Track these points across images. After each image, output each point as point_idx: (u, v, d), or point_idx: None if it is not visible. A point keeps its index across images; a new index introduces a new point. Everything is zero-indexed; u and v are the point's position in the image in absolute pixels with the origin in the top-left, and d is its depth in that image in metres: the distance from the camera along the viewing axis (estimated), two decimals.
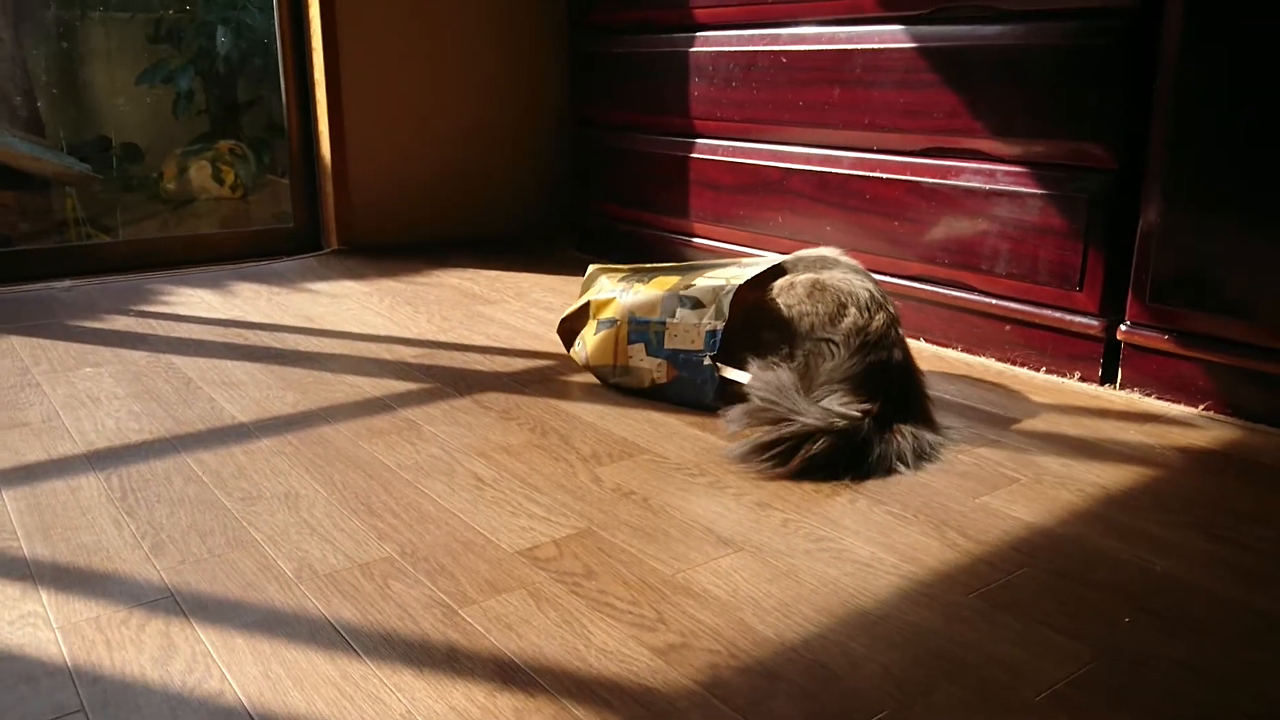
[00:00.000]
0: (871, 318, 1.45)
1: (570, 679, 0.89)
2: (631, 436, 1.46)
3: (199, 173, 3.25)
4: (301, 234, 2.81)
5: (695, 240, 2.43)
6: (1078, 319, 1.70)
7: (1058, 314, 1.73)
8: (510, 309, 2.20)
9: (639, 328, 1.59)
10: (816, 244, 2.11)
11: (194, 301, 2.23)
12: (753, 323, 1.52)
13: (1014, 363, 1.82)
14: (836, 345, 1.42)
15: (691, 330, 1.54)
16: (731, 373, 1.50)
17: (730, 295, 1.52)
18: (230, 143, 3.37)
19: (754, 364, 1.46)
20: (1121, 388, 1.68)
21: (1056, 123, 1.67)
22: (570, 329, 1.76)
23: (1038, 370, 1.78)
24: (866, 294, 1.48)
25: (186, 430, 1.46)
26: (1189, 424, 1.53)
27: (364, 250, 2.78)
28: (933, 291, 1.89)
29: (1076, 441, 1.45)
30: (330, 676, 0.89)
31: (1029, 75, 1.70)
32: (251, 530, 1.16)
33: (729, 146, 2.30)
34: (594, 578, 1.06)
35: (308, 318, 2.10)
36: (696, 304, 1.55)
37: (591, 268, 1.80)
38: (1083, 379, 1.72)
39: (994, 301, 1.82)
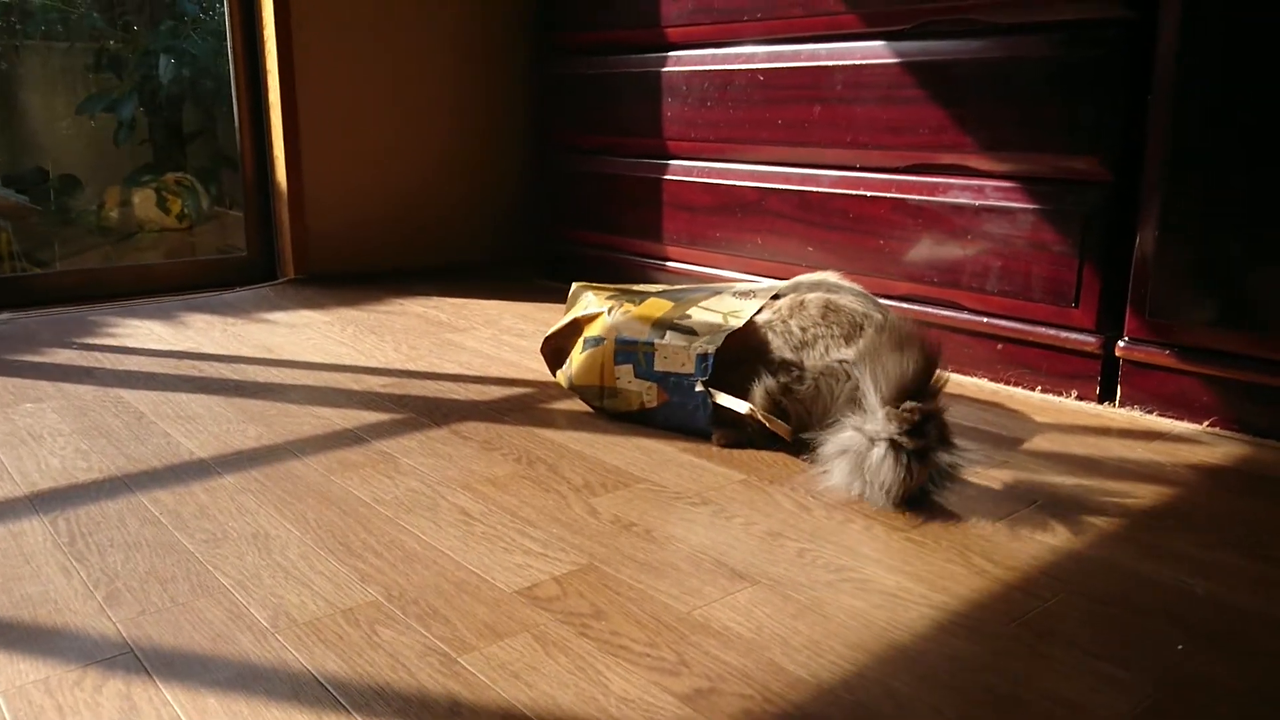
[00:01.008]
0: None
1: None
2: (624, 465, 1.37)
3: (144, 201, 3.11)
4: (255, 263, 2.69)
5: (669, 264, 2.36)
6: (1074, 336, 1.66)
7: (1053, 331, 1.69)
8: (481, 336, 2.11)
9: (626, 347, 1.51)
10: (797, 265, 2.06)
11: (142, 333, 2.10)
12: (753, 348, 1.45)
13: (1008, 382, 1.77)
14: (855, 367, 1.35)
15: (681, 352, 1.46)
16: (726, 399, 1.42)
17: (726, 334, 1.45)
18: (177, 175, 3.24)
19: (760, 391, 1.40)
20: (1121, 405, 1.63)
21: (1048, 136, 1.64)
22: (558, 348, 1.68)
23: (1033, 390, 1.74)
24: (880, 316, 1.42)
25: (140, 468, 1.35)
26: (1195, 440, 1.48)
27: (322, 280, 2.67)
28: (921, 311, 1.84)
29: (1085, 461, 1.40)
30: None
31: (1018, 89, 1.66)
32: (218, 575, 1.05)
33: (704, 167, 2.25)
34: (603, 618, 0.97)
35: (266, 348, 1.98)
36: (690, 333, 1.47)
37: (576, 285, 1.72)
38: (1080, 397, 1.68)
39: (986, 320, 1.77)
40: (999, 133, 1.70)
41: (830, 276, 1.55)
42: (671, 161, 2.33)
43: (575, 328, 1.63)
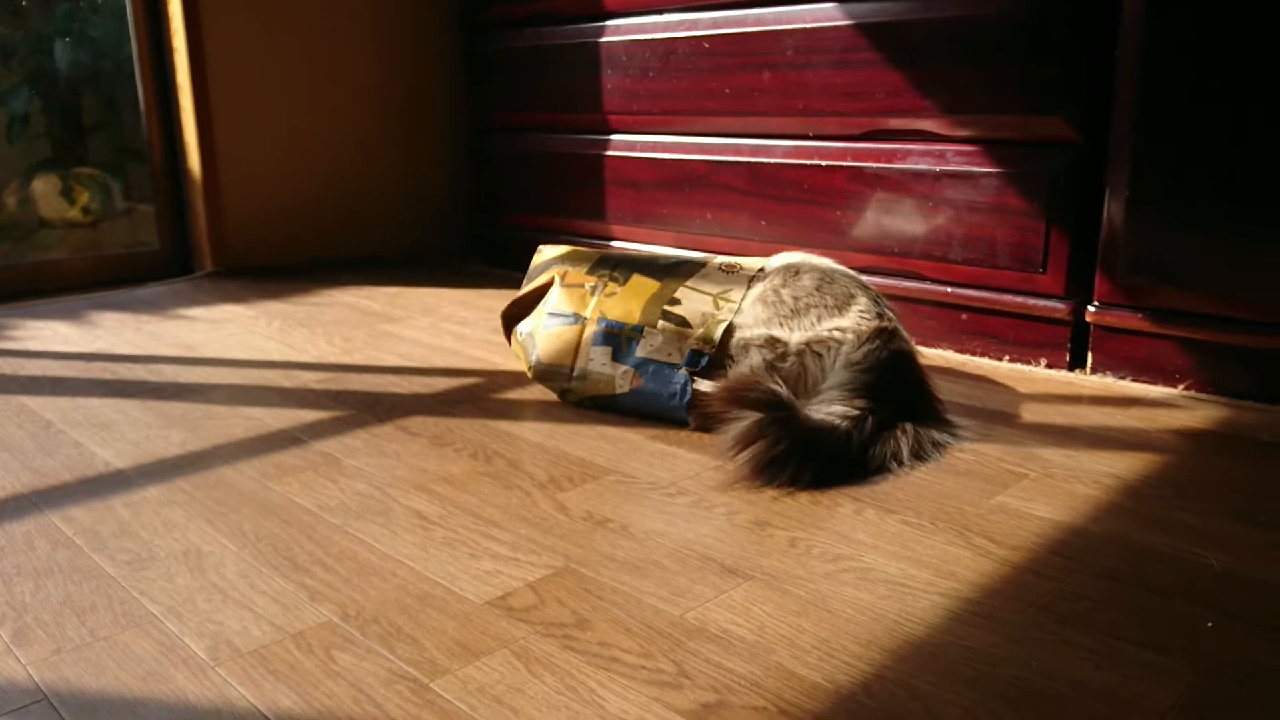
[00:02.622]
0: (881, 310, 1.33)
1: None
2: (589, 456, 1.28)
3: (46, 190, 2.89)
4: (169, 257, 2.51)
5: (615, 244, 2.26)
6: (1042, 303, 1.61)
7: (1020, 299, 1.63)
8: (420, 326, 1.99)
9: (610, 330, 1.42)
10: (749, 240, 1.98)
11: (46, 335, 1.92)
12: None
13: (974, 353, 1.71)
14: (847, 334, 1.28)
15: (671, 344, 1.38)
16: (709, 385, 1.33)
17: (724, 326, 1.37)
18: (86, 169, 3.02)
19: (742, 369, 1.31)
20: (1093, 372, 1.59)
21: (1012, 97, 1.58)
22: (517, 316, 1.57)
23: (1000, 360, 1.68)
24: (872, 292, 1.37)
25: (49, 483, 1.20)
26: (1173, 405, 1.44)
27: (242, 272, 2.50)
28: (882, 283, 1.77)
29: (1068, 431, 1.34)
30: None
31: (979, 48, 1.60)
32: (145, 602, 0.92)
33: (648, 141, 2.15)
34: (588, 627, 0.87)
35: (186, 346, 1.83)
36: (682, 323, 1.39)
37: (544, 248, 1.62)
38: (1050, 366, 1.63)
39: (950, 290, 1.71)
40: (960, 95, 1.64)
41: (814, 258, 1.48)
42: (613, 136, 2.22)
43: (538, 297, 1.53)
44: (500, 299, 2.24)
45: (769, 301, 1.36)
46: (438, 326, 1.98)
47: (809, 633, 0.86)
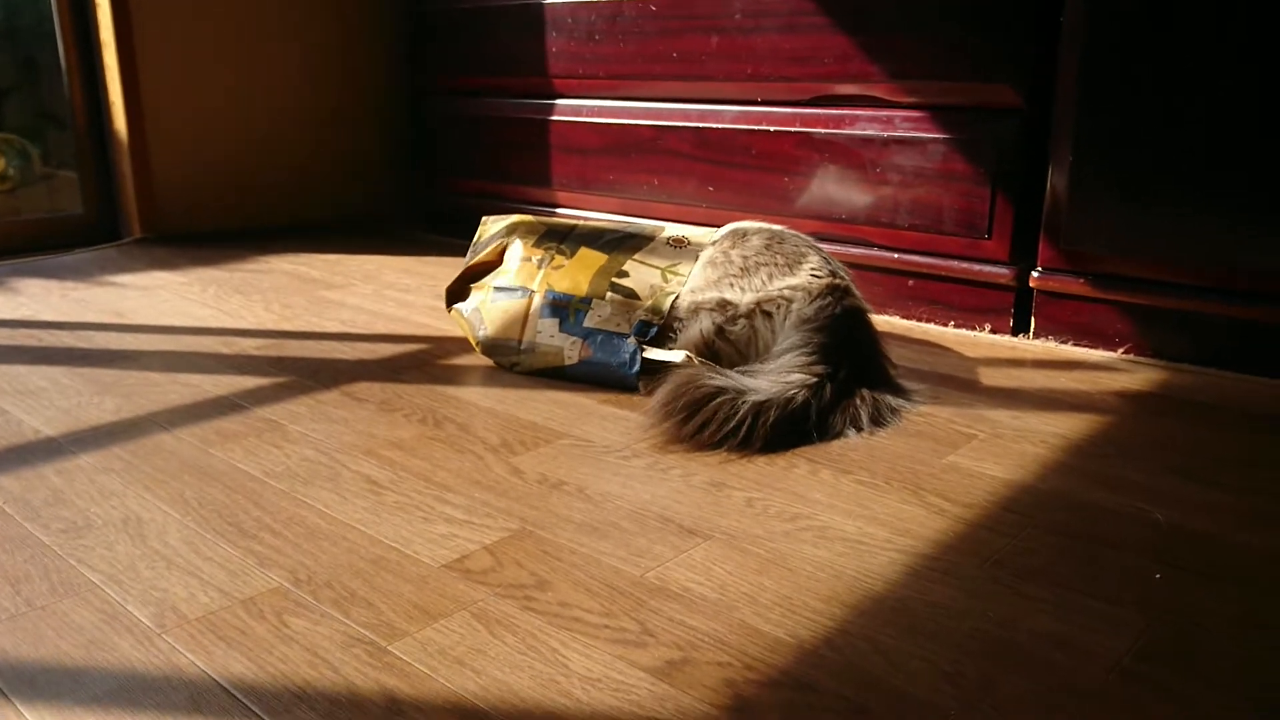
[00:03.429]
0: (834, 269, 1.33)
1: None
2: (542, 420, 1.26)
3: None
4: (94, 223, 2.41)
5: (560, 211, 2.24)
6: (987, 268, 1.63)
7: (965, 264, 1.65)
8: (362, 293, 1.94)
9: (557, 302, 1.40)
10: (697, 206, 1.97)
11: None
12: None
13: (920, 319, 1.73)
14: (798, 292, 1.28)
15: (620, 314, 1.37)
16: (658, 353, 1.33)
17: (672, 299, 1.36)
18: (4, 135, 2.88)
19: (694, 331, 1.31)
20: (1036, 337, 1.62)
21: (959, 64, 1.59)
22: (461, 292, 1.53)
23: (946, 325, 1.70)
24: (824, 252, 1.37)
25: None
26: (1113, 368, 1.48)
27: (172, 239, 2.42)
28: (830, 250, 1.78)
29: (1014, 393, 1.37)
30: None
31: (928, 14, 1.61)
32: (84, 570, 0.89)
33: (594, 106, 2.12)
34: (548, 588, 0.86)
35: (116, 313, 1.76)
36: (630, 294, 1.38)
37: (488, 220, 1.58)
38: (994, 331, 1.66)
39: (896, 256, 1.72)
40: (908, 61, 1.64)
41: (763, 224, 1.47)
42: (559, 101, 2.19)
43: (490, 268, 1.51)
44: (443, 266, 2.20)
45: (718, 263, 1.35)
46: (380, 294, 1.94)
47: (770, 590, 0.86)
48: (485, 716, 0.69)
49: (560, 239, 1.49)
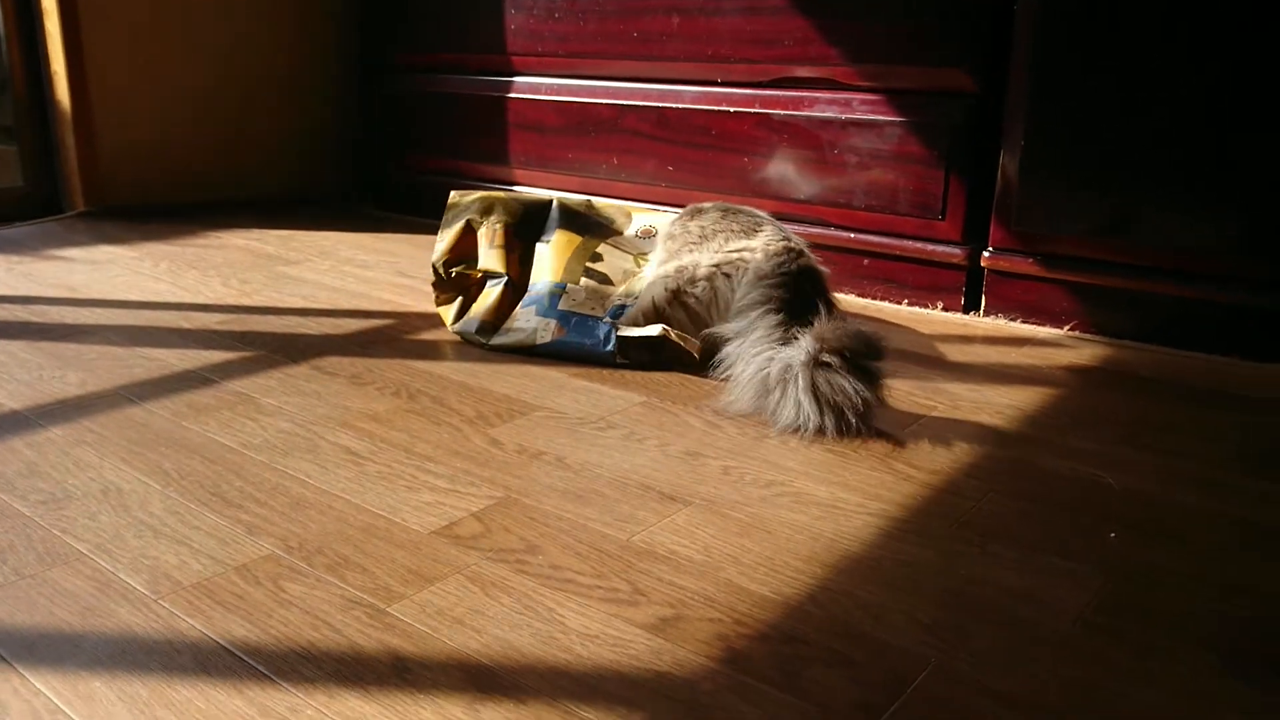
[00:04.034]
0: (787, 235, 1.37)
1: (562, 676, 0.71)
2: (515, 393, 1.28)
3: None
4: (34, 195, 2.35)
5: (518, 189, 2.24)
6: (940, 248, 1.69)
7: (920, 244, 1.71)
8: (319, 268, 1.93)
9: (535, 291, 1.44)
10: (656, 185, 1.99)
11: None
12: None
13: (875, 297, 1.78)
14: (755, 253, 1.32)
15: (594, 299, 1.41)
16: (634, 330, 1.36)
17: (645, 284, 1.41)
18: None
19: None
20: (986, 314, 1.68)
21: (915, 48, 1.63)
22: (455, 281, 1.52)
23: (900, 303, 1.76)
24: (779, 225, 1.41)
25: None
26: (1060, 344, 1.54)
27: (118, 213, 2.37)
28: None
29: (969, 367, 1.42)
30: (246, 716, 0.66)
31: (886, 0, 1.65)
32: (69, 540, 0.89)
33: (553, 84, 2.13)
34: (538, 552, 0.88)
35: (68, 288, 1.73)
36: (604, 279, 1.41)
37: (456, 194, 1.58)
38: (946, 308, 1.71)
39: (853, 235, 1.77)
40: (866, 45, 1.68)
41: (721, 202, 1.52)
42: (517, 79, 2.19)
43: (468, 243, 1.52)
44: (399, 243, 2.19)
45: (676, 236, 1.40)
46: (339, 269, 1.93)
47: (753, 551, 0.89)
48: (490, 671, 0.71)
49: (529, 222, 1.51)
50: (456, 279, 1.51)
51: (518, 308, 1.44)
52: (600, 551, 0.89)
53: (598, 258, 1.44)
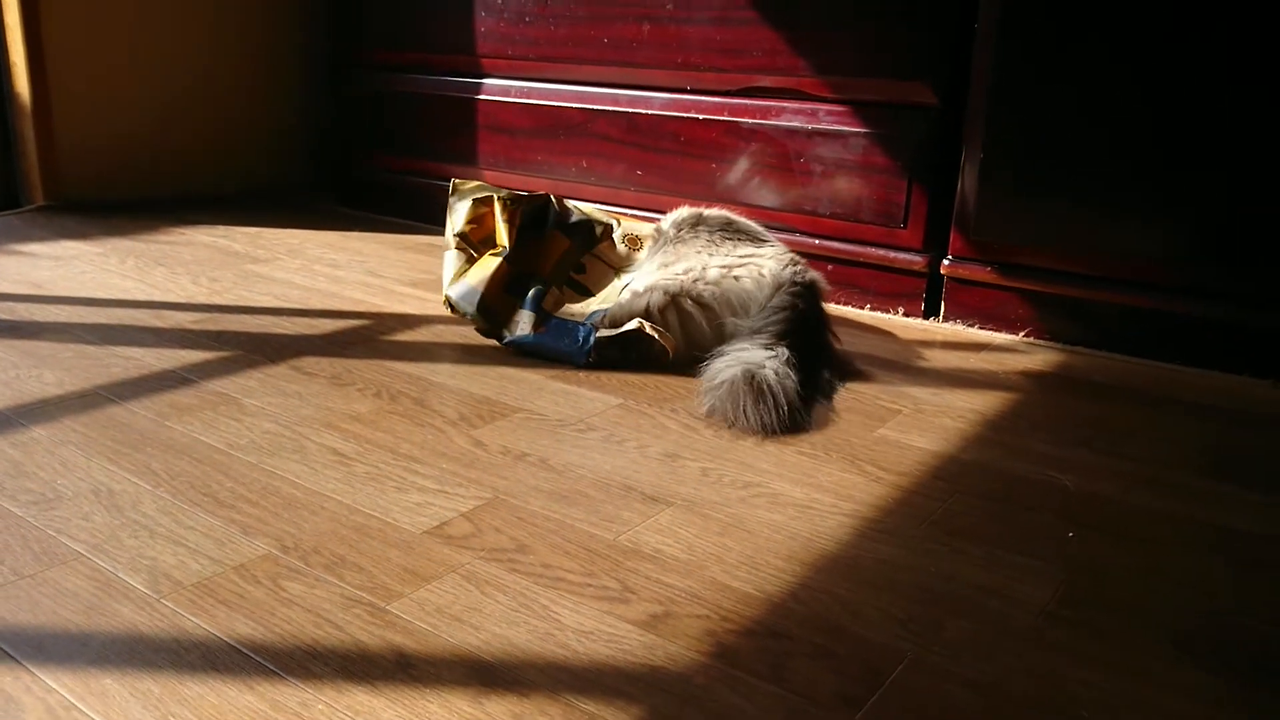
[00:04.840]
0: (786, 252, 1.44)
1: (560, 670, 0.75)
2: (495, 395, 1.30)
3: None
4: None
5: None
6: (902, 255, 1.74)
7: (882, 251, 1.76)
8: (289, 267, 1.93)
9: (520, 284, 1.48)
10: (624, 189, 2.03)
11: None
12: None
13: (838, 302, 1.84)
14: (769, 260, 1.39)
15: (574, 305, 1.47)
16: (612, 331, 1.39)
17: (623, 286, 1.46)
18: None
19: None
20: (945, 320, 1.74)
21: (881, 62, 1.69)
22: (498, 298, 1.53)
23: (862, 309, 1.81)
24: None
25: None
26: (1016, 350, 1.61)
27: (79, 207, 2.34)
28: None
29: (930, 372, 1.48)
30: (258, 711, 0.69)
31: (852, 13, 1.70)
32: (65, 540, 0.90)
33: (523, 87, 2.15)
34: (529, 551, 0.92)
35: (33, 284, 1.72)
36: (584, 291, 1.48)
37: (457, 181, 1.61)
38: (907, 314, 1.77)
39: (817, 242, 1.82)
40: (833, 57, 1.74)
41: (706, 209, 1.57)
42: (487, 80, 2.21)
43: (485, 219, 1.55)
44: (368, 241, 2.20)
45: (684, 239, 1.45)
46: (309, 268, 1.93)
47: (735, 550, 0.93)
48: (490, 667, 0.75)
49: (540, 220, 1.55)
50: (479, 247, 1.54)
51: (507, 294, 1.47)
52: (589, 551, 0.92)
53: (581, 269, 1.48)
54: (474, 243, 1.53)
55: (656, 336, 1.38)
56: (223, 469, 1.05)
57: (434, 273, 1.92)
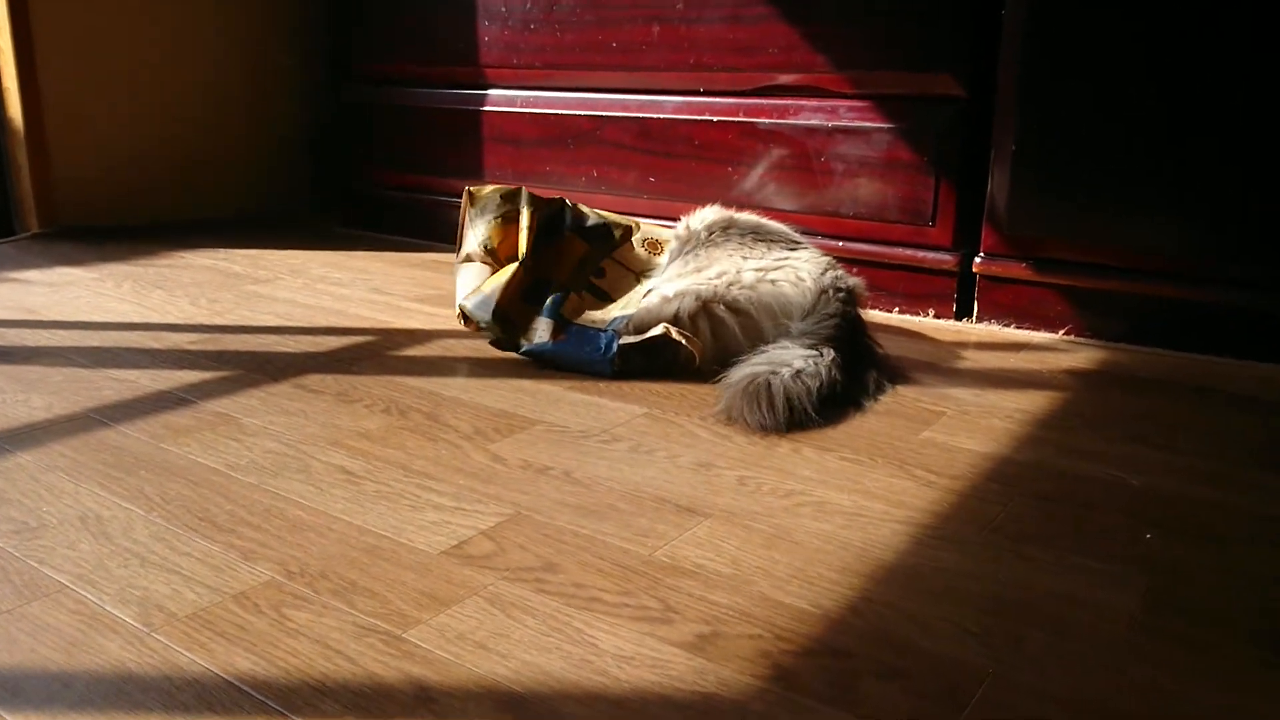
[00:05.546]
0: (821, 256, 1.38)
1: (600, 700, 0.66)
2: (511, 408, 1.23)
3: None
4: None
5: None
6: (932, 255, 1.67)
7: (910, 251, 1.69)
8: (291, 286, 1.86)
9: (537, 290, 1.42)
10: (638, 198, 1.96)
11: None
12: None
13: (866, 306, 1.75)
14: (806, 264, 1.32)
15: (594, 312, 1.41)
16: (635, 337, 1.32)
17: (645, 292, 1.40)
18: None
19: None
20: (978, 320, 1.66)
21: (902, 54, 1.62)
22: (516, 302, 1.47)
23: (891, 311, 1.73)
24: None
25: None
26: (1057, 349, 1.53)
27: (74, 234, 2.28)
28: None
29: (970, 373, 1.40)
30: None
31: (872, 5, 1.63)
32: (47, 571, 0.82)
33: (529, 96, 2.09)
34: (558, 570, 0.83)
35: (26, 309, 1.65)
36: (604, 296, 1.41)
37: (471, 189, 1.54)
38: (938, 316, 1.69)
39: (842, 244, 1.75)
40: (852, 51, 1.67)
41: (730, 212, 1.51)
42: (492, 91, 2.15)
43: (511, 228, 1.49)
44: (372, 260, 2.13)
45: (716, 242, 1.39)
46: (312, 287, 1.86)
47: (783, 563, 0.85)
48: (521, 699, 0.66)
49: (558, 225, 1.49)
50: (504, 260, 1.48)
51: (540, 317, 1.40)
52: (623, 567, 0.84)
53: (601, 273, 1.41)
54: (501, 260, 1.47)
55: (684, 341, 1.31)
56: (221, 491, 0.97)
57: (442, 288, 1.84)
